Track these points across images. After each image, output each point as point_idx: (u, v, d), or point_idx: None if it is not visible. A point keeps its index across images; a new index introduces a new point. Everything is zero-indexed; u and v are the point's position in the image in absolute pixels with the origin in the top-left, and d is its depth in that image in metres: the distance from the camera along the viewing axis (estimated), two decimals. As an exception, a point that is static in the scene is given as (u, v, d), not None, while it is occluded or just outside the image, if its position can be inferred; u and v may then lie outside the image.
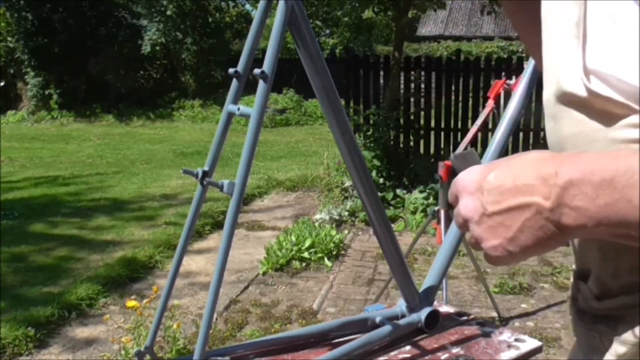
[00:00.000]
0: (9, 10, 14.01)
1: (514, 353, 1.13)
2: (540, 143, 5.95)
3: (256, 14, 0.91)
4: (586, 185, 0.49)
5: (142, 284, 4.12)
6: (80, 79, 14.36)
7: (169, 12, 13.91)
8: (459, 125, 6.38)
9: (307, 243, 4.50)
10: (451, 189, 0.62)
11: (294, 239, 4.54)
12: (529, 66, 1.30)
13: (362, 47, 16.10)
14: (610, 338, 0.58)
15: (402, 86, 6.41)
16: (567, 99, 0.56)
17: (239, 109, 0.90)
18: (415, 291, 1.18)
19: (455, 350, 1.14)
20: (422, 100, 6.63)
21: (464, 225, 0.59)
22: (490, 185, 0.56)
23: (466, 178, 0.59)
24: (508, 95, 3.42)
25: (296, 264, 4.37)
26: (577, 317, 0.66)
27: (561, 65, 0.57)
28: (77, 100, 14.23)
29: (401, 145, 6.41)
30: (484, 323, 1.26)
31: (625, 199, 0.47)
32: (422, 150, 6.48)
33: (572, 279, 0.72)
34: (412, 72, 6.51)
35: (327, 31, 20.17)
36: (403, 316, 1.18)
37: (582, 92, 0.54)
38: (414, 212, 5.38)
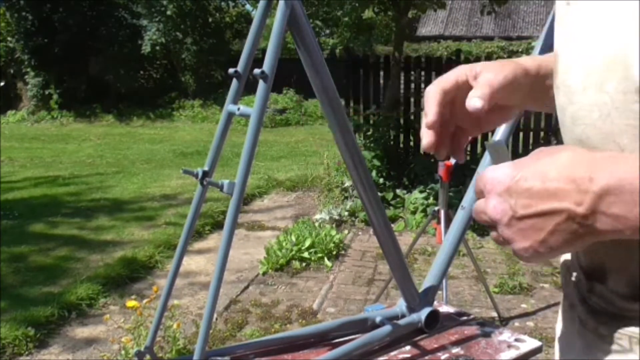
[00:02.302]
0: (9, 10, 14.01)
1: (514, 353, 1.13)
2: (540, 143, 5.95)
3: (256, 14, 0.91)
4: (625, 194, 0.48)
5: (142, 284, 4.12)
6: (80, 79, 14.36)
7: (169, 12, 13.92)
8: (459, 125, 6.37)
9: (307, 243, 4.50)
10: (477, 183, 0.60)
11: (294, 239, 4.54)
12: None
13: (362, 47, 16.09)
14: None
15: (402, 86, 6.41)
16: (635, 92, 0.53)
17: (239, 109, 0.90)
18: (415, 291, 1.18)
19: (455, 350, 1.14)
20: (422, 100, 6.61)
21: (490, 225, 0.58)
22: (519, 187, 0.54)
23: (494, 177, 0.57)
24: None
25: (296, 264, 4.37)
26: (591, 320, 0.63)
27: (630, 53, 0.52)
28: (77, 100, 14.23)
29: (401, 145, 6.41)
30: (484, 323, 1.26)
31: None
32: (422, 150, 6.47)
33: (572, 277, 0.69)
34: (412, 72, 6.51)
35: (327, 31, 20.16)
36: (403, 316, 1.18)
37: None
38: (414, 212, 5.38)
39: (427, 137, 0.74)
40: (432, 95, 0.75)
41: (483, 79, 0.71)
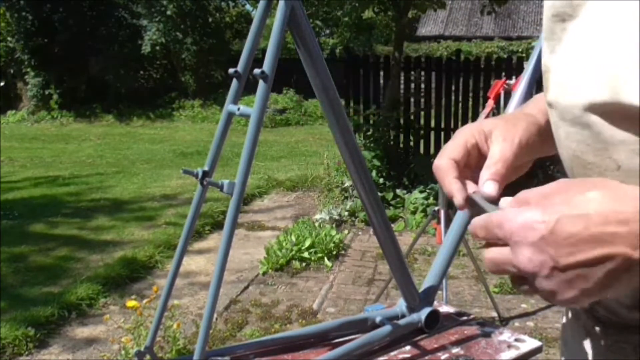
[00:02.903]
0: (9, 10, 14.00)
1: (514, 353, 1.13)
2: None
3: (256, 14, 0.91)
4: None
5: (142, 284, 4.12)
6: (80, 79, 14.36)
7: (169, 12, 13.91)
8: (459, 125, 6.37)
9: (307, 243, 4.50)
10: (489, 230, 0.54)
11: (294, 239, 4.54)
12: (529, 66, 1.30)
13: (362, 47, 16.10)
14: None
15: (402, 86, 6.41)
16: (625, 111, 0.51)
17: (239, 109, 0.90)
18: (415, 291, 1.18)
19: (455, 350, 1.14)
20: (422, 100, 6.63)
21: (521, 278, 0.52)
22: (558, 234, 0.48)
23: (521, 225, 0.50)
24: (508, 95, 3.42)
25: (296, 264, 4.37)
26: (597, 330, 0.63)
27: (621, 74, 0.51)
28: (77, 100, 14.23)
29: (401, 145, 6.41)
30: (484, 323, 1.26)
31: None
32: (422, 150, 6.48)
33: None
34: (412, 72, 6.51)
35: (327, 31, 20.17)
36: (403, 316, 1.18)
37: None
38: (414, 212, 5.38)
39: (459, 203, 0.67)
40: (445, 171, 0.67)
41: (496, 152, 0.66)
